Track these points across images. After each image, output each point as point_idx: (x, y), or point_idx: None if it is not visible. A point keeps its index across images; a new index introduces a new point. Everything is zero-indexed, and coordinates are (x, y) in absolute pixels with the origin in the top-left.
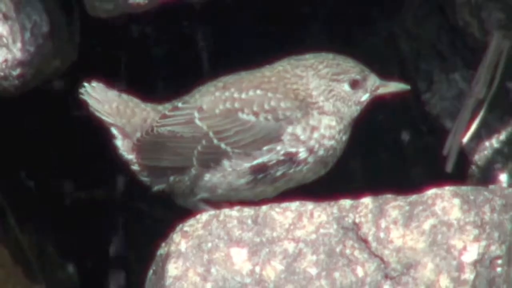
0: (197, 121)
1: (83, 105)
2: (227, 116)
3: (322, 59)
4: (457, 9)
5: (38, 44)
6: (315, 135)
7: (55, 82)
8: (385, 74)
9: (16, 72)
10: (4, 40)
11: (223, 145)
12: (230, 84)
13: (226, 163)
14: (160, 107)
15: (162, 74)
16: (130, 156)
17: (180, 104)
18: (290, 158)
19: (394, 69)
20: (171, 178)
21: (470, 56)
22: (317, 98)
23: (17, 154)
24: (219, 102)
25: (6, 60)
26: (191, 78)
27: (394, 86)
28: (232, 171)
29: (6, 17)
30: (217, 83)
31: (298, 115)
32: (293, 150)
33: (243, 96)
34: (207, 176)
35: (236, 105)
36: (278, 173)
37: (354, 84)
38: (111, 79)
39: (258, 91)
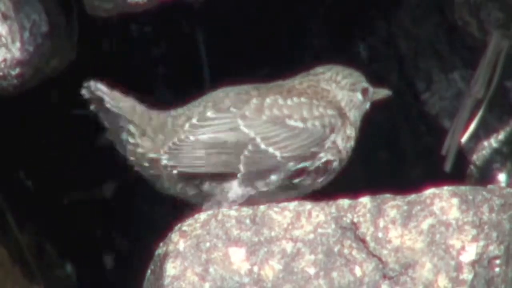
0: (243, 128)
1: (91, 102)
2: (275, 123)
3: (336, 71)
4: (456, 9)
5: (37, 43)
6: (348, 145)
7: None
8: (384, 74)
9: (15, 71)
10: (3, 39)
11: (271, 150)
12: (266, 93)
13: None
14: (173, 113)
15: (161, 74)
16: (154, 155)
17: (210, 113)
18: (325, 167)
19: (393, 69)
20: (206, 185)
21: (469, 55)
22: (345, 109)
23: (16, 154)
24: (264, 109)
25: (5, 60)
26: (190, 78)
27: (382, 93)
28: (277, 177)
29: (5, 17)
30: (250, 90)
31: (339, 123)
32: (332, 158)
33: (289, 102)
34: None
35: (285, 111)
36: (308, 181)
37: (364, 93)
38: (110, 79)
39: (303, 99)
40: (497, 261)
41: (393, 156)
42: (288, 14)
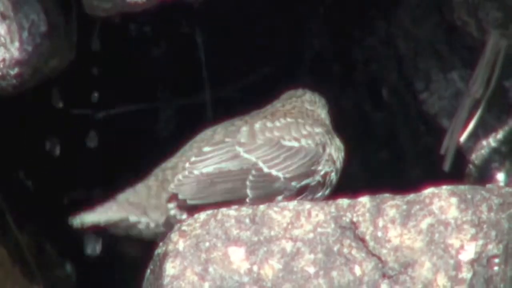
0: (244, 154)
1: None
2: (272, 145)
3: (310, 92)
4: (455, 9)
5: (36, 43)
6: (340, 156)
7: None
8: (383, 74)
9: (14, 71)
10: (2, 39)
11: (274, 172)
12: (252, 120)
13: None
14: (166, 165)
15: (161, 74)
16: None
17: (207, 148)
18: (324, 179)
19: (392, 68)
20: None
21: (467, 55)
22: (330, 126)
23: (15, 153)
24: (256, 133)
25: (4, 60)
26: (190, 78)
27: None
28: (283, 197)
29: (3, 16)
30: (235, 122)
31: (328, 140)
32: (329, 170)
33: (277, 124)
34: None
35: (276, 133)
36: (309, 196)
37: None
38: (110, 79)
39: (288, 119)
40: (496, 260)
41: (392, 156)
42: (288, 14)
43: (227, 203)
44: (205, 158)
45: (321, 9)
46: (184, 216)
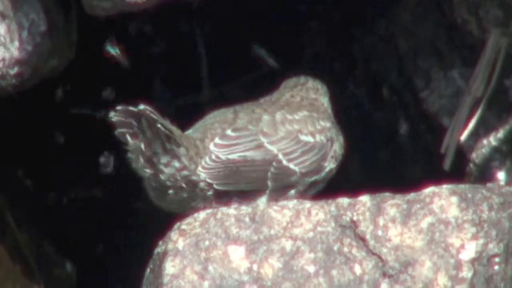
0: (267, 145)
1: (120, 126)
2: (292, 139)
3: (312, 79)
4: (455, 7)
5: (36, 43)
6: (341, 153)
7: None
8: (383, 72)
9: (14, 71)
10: (2, 39)
11: (292, 166)
12: (271, 108)
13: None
14: (191, 133)
15: (160, 73)
16: (195, 177)
17: (230, 132)
18: (328, 176)
19: (392, 67)
20: (235, 199)
21: (468, 53)
22: (333, 116)
23: (14, 152)
24: (278, 124)
25: (3, 59)
26: (189, 77)
27: None
28: (295, 191)
29: (3, 16)
30: (254, 108)
31: (335, 133)
32: (333, 166)
33: (297, 117)
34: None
35: (295, 126)
36: (313, 191)
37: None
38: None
39: (305, 112)
40: (497, 259)
41: (392, 155)
42: (288, 13)
43: (247, 192)
44: (229, 143)
45: (321, 7)
46: (210, 193)
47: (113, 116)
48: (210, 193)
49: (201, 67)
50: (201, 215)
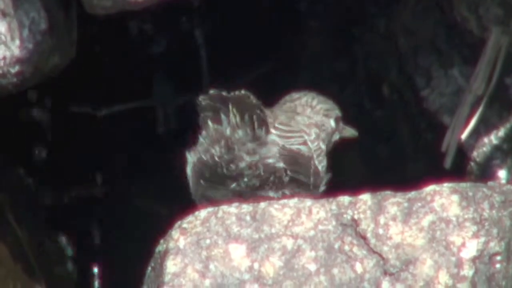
0: (310, 144)
1: (207, 110)
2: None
3: (312, 96)
4: (455, 5)
5: (36, 41)
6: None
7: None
8: (383, 71)
9: (15, 69)
10: (2, 37)
11: (320, 167)
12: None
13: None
14: None
15: (160, 71)
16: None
17: (278, 125)
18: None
19: (392, 65)
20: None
21: (468, 52)
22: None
23: (16, 150)
24: (306, 127)
25: (4, 58)
26: (189, 76)
27: (350, 132)
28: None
29: (4, 14)
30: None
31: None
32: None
33: (310, 121)
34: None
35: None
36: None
37: (337, 121)
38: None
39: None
40: (498, 258)
41: (392, 153)
42: (288, 11)
43: None
44: (288, 135)
45: (321, 6)
46: (287, 179)
47: (202, 100)
48: (286, 179)
49: (201, 65)
50: (202, 213)
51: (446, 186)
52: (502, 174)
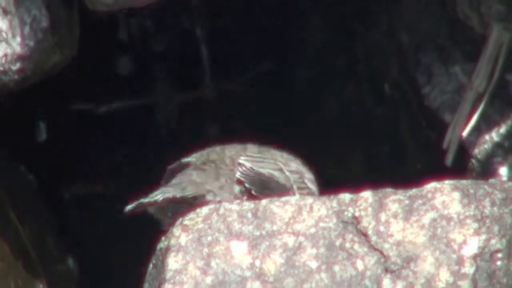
0: (287, 173)
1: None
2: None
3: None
4: (457, 2)
5: (38, 38)
6: None
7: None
8: (385, 68)
9: (16, 66)
10: (4, 34)
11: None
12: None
13: None
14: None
15: (161, 69)
16: None
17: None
18: None
19: (393, 62)
20: None
21: (470, 49)
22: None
23: (17, 147)
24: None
25: (5, 55)
26: (190, 74)
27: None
28: None
29: (5, 12)
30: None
31: None
32: None
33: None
34: None
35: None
36: None
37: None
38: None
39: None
40: (499, 255)
41: (393, 150)
42: (289, 8)
43: None
44: (254, 160)
45: (322, 3)
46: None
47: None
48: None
49: (202, 63)
50: (204, 210)
51: (447, 183)
52: (503, 171)
